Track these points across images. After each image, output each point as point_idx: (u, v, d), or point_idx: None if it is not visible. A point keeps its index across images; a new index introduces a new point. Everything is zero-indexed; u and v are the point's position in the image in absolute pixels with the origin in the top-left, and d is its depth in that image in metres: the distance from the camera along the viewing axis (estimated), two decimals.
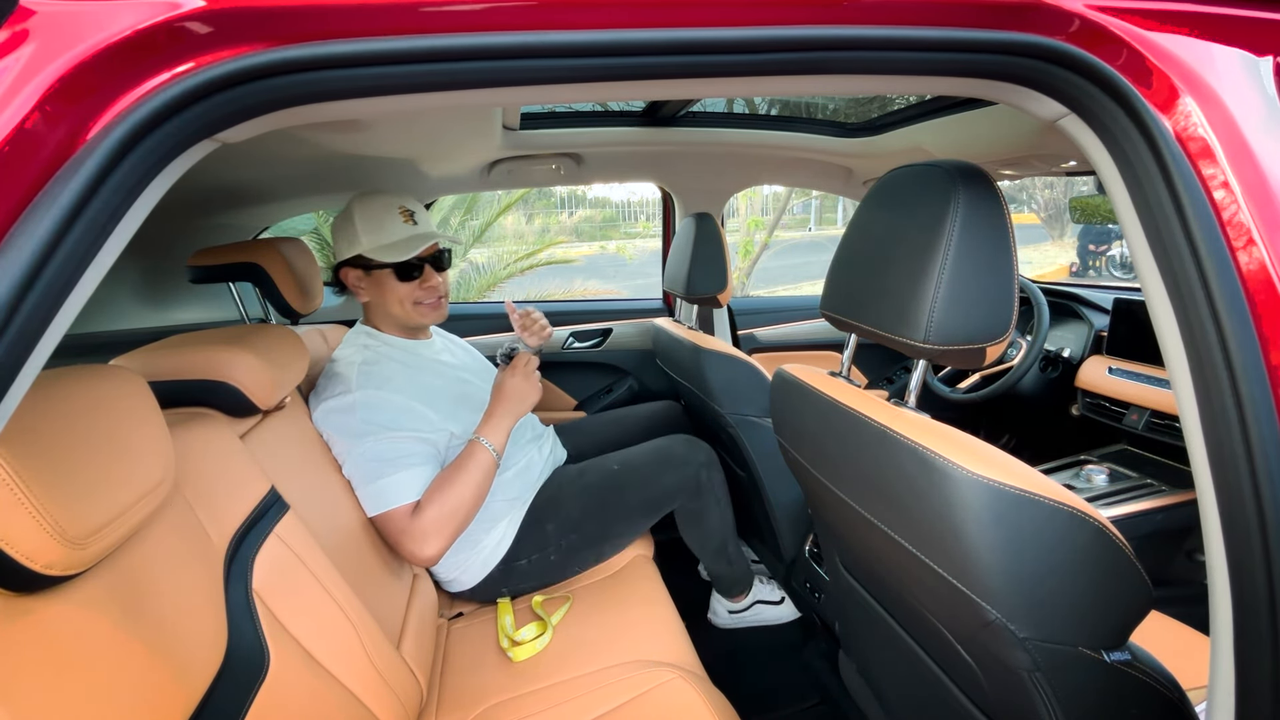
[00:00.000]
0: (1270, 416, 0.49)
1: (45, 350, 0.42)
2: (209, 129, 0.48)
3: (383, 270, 1.23)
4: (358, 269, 1.25)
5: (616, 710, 0.95)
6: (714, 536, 1.45)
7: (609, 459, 1.42)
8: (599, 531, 1.34)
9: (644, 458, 1.41)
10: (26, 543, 0.49)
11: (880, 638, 0.93)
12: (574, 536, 1.31)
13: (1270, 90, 0.56)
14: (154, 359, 0.90)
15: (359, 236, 1.22)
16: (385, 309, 1.28)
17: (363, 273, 1.25)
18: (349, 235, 1.23)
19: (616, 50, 0.51)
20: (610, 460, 1.42)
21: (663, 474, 1.38)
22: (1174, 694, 0.63)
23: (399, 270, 1.24)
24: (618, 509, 1.35)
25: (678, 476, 1.38)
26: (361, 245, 1.22)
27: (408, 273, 1.24)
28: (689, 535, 1.46)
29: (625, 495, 1.36)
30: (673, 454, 1.41)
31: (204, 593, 0.70)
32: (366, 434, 1.11)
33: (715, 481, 1.42)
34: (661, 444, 1.45)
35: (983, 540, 0.57)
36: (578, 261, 8.82)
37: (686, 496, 1.39)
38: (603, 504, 1.34)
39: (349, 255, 1.23)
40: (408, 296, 1.26)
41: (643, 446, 1.46)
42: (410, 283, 1.25)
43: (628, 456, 1.42)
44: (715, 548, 1.47)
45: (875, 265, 0.72)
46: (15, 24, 0.43)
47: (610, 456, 1.44)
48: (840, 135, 1.88)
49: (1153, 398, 1.53)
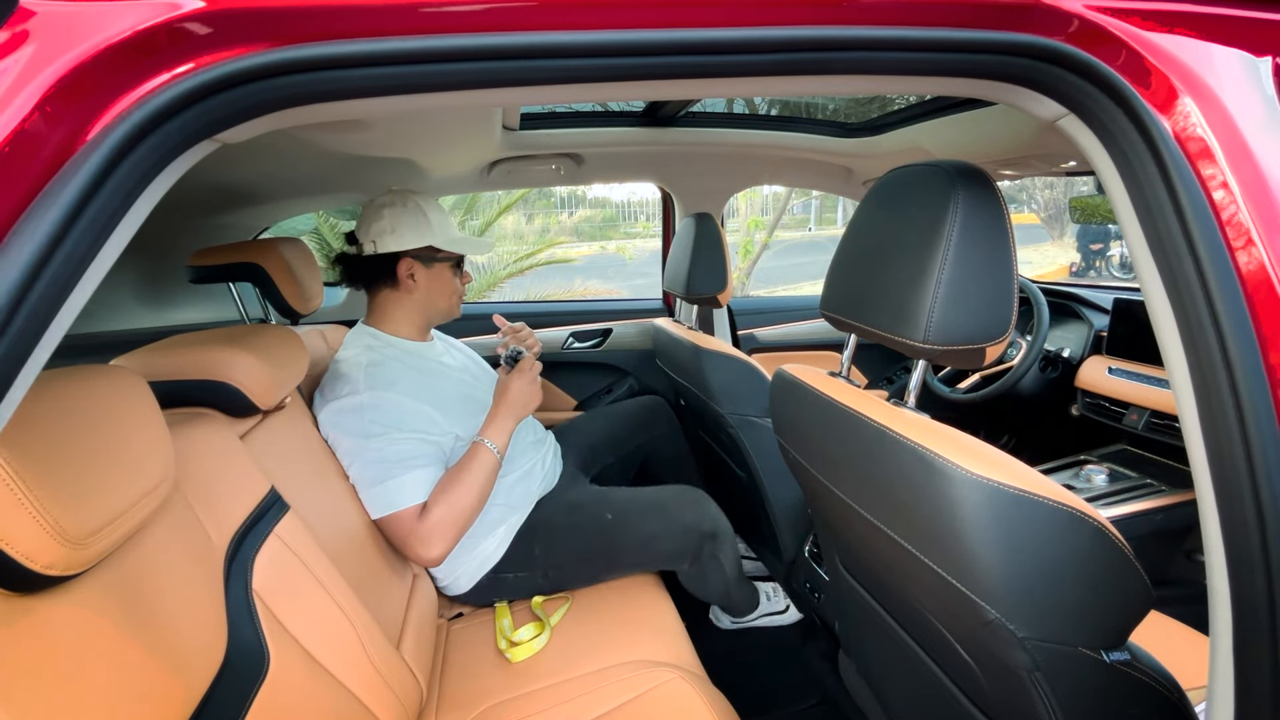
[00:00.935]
0: (1270, 416, 0.49)
1: (45, 350, 0.42)
2: (209, 129, 0.48)
3: (443, 263, 1.30)
4: (418, 260, 1.27)
5: (616, 710, 0.95)
6: (715, 592, 1.40)
7: (604, 500, 1.34)
8: (586, 574, 1.31)
9: (643, 514, 1.30)
10: (26, 543, 0.49)
11: (880, 638, 0.93)
12: (562, 571, 1.29)
13: (1270, 90, 0.56)
14: (154, 359, 0.90)
15: (433, 229, 1.26)
16: (430, 300, 1.31)
17: (422, 265, 1.28)
18: (419, 226, 1.26)
19: (616, 50, 0.51)
20: (605, 502, 1.33)
21: (663, 537, 1.29)
22: (1174, 694, 0.63)
23: (458, 263, 1.34)
24: (608, 561, 1.30)
25: (677, 545, 1.30)
26: (436, 237, 1.26)
27: (460, 267, 1.36)
28: (689, 587, 1.39)
29: (617, 552, 1.29)
30: (675, 518, 1.30)
31: (204, 593, 0.70)
32: (374, 435, 1.11)
33: (722, 553, 1.33)
34: (665, 500, 1.34)
35: (982, 540, 0.57)
36: (577, 261, 8.83)
37: (687, 562, 1.32)
38: (594, 553, 1.29)
39: (418, 245, 1.26)
40: (457, 290, 1.35)
41: (644, 497, 1.35)
42: (459, 276, 1.35)
43: (626, 505, 1.32)
44: (718, 598, 1.44)
45: (875, 265, 0.72)
46: (15, 24, 0.43)
47: (606, 496, 1.36)
48: (840, 135, 1.88)
49: (1152, 398, 1.53)
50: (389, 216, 1.26)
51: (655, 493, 1.38)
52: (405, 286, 1.28)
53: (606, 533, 1.28)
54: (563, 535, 1.29)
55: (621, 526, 1.29)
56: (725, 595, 1.43)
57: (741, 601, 1.52)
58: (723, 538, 1.33)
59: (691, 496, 1.36)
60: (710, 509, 1.34)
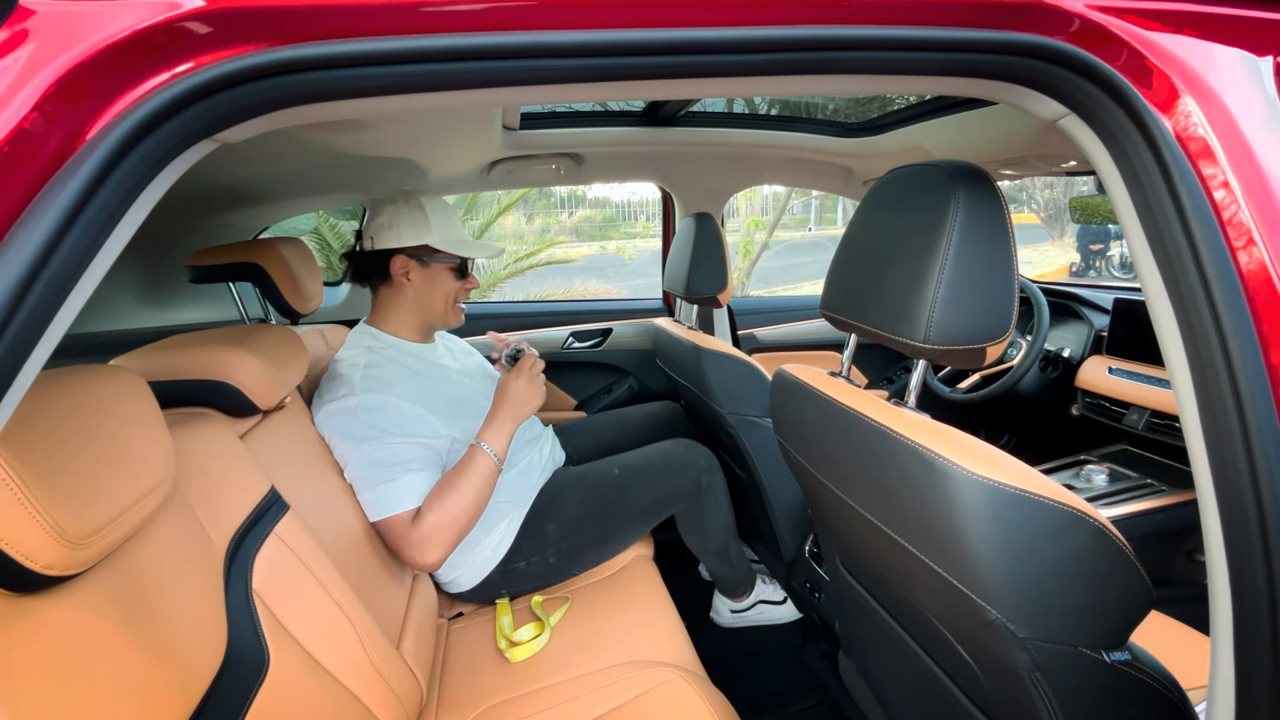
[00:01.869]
0: (1270, 416, 0.49)
1: (45, 350, 0.42)
2: (209, 129, 0.48)
3: (442, 264, 1.27)
4: (414, 259, 1.26)
5: (616, 710, 0.95)
6: (714, 539, 1.45)
7: (610, 462, 1.42)
8: (599, 534, 1.34)
9: (645, 462, 1.41)
10: (26, 543, 0.49)
11: (880, 638, 0.93)
12: (574, 539, 1.31)
13: (1270, 90, 0.56)
14: (154, 359, 0.89)
15: (431, 228, 1.24)
16: (425, 303, 1.29)
17: (418, 264, 1.26)
18: (417, 224, 1.24)
19: (616, 50, 0.51)
20: (611, 464, 1.42)
21: (664, 478, 1.38)
22: (1174, 694, 0.63)
23: (459, 266, 1.29)
24: (619, 512, 1.35)
25: (679, 481, 1.39)
26: (434, 236, 1.24)
27: (462, 271, 1.31)
28: (689, 538, 1.47)
29: (626, 499, 1.36)
30: (674, 458, 1.41)
31: (204, 593, 0.70)
32: (368, 438, 1.10)
33: (716, 485, 1.43)
34: (663, 448, 1.45)
35: (983, 540, 0.57)
36: (577, 261, 8.83)
37: (687, 501, 1.40)
38: (603, 507, 1.34)
39: (414, 243, 1.24)
40: (455, 294, 1.31)
41: (643, 450, 1.46)
42: (460, 281, 1.31)
43: (628, 460, 1.42)
44: (716, 550, 1.47)
45: (875, 265, 0.72)
46: (15, 24, 0.43)
47: (611, 460, 1.44)
48: (840, 135, 1.88)
49: (1153, 398, 1.53)
50: (388, 213, 1.26)
51: (653, 446, 1.48)
52: (399, 285, 1.27)
53: (614, 484, 1.37)
54: (573, 500, 1.34)
55: (628, 475, 1.38)
56: (723, 547, 1.47)
57: (739, 566, 1.54)
58: (715, 471, 1.43)
59: (684, 441, 1.48)
60: (701, 448, 1.46)
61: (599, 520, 1.34)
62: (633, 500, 1.36)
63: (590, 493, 1.36)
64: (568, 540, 1.30)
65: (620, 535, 1.36)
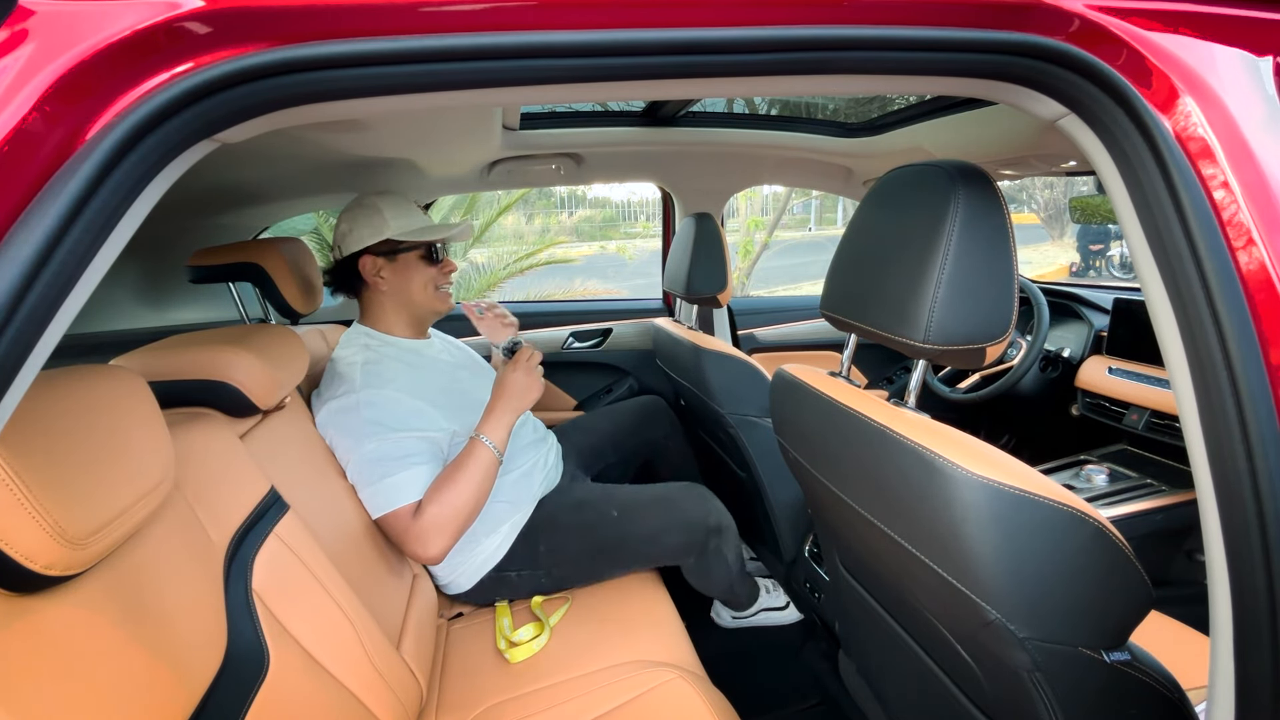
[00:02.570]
0: (1270, 416, 0.49)
1: (45, 350, 0.42)
2: (208, 129, 0.48)
3: (409, 254, 1.27)
4: (381, 256, 1.26)
5: (616, 710, 0.95)
6: (719, 586, 1.41)
7: (610, 499, 1.34)
8: (591, 571, 1.31)
9: (648, 510, 1.32)
10: (26, 543, 0.49)
11: (880, 638, 0.93)
12: (566, 568, 1.29)
13: (1270, 90, 0.56)
14: (154, 359, 0.90)
15: (388, 222, 1.24)
16: (405, 296, 1.28)
17: (386, 260, 1.26)
18: (374, 223, 1.24)
19: (616, 50, 0.51)
20: (611, 500, 1.34)
21: (666, 533, 1.30)
22: (1174, 694, 0.63)
23: (427, 253, 1.28)
24: (614, 557, 1.30)
25: (682, 539, 1.31)
26: (391, 229, 1.24)
27: (433, 256, 1.29)
28: (693, 581, 1.40)
29: (623, 548, 1.29)
30: (680, 513, 1.32)
31: (204, 593, 0.70)
32: (370, 434, 1.11)
33: (726, 548, 1.35)
34: (670, 493, 1.37)
35: (982, 540, 0.57)
36: (577, 261, 8.82)
37: (692, 558, 1.33)
38: (600, 549, 1.29)
39: (374, 241, 1.24)
40: (431, 280, 1.30)
41: (648, 493, 1.37)
42: (435, 266, 1.30)
43: (630, 503, 1.33)
44: (721, 592, 1.44)
45: (875, 265, 0.72)
46: (15, 24, 0.43)
47: (611, 492, 1.37)
48: (840, 135, 1.88)
49: (1153, 398, 1.53)
50: (345, 220, 1.27)
51: (659, 489, 1.39)
52: (375, 285, 1.27)
53: (612, 529, 1.29)
54: (568, 533, 1.29)
55: (627, 522, 1.30)
56: (729, 590, 1.44)
57: (743, 595, 1.53)
58: (727, 532, 1.35)
59: (696, 492, 1.37)
60: (714, 504, 1.36)
61: (592, 559, 1.29)
62: (629, 550, 1.29)
63: (587, 530, 1.29)
64: (560, 568, 1.28)
65: (614, 575, 1.32)
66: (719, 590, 1.43)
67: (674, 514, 1.32)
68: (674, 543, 1.31)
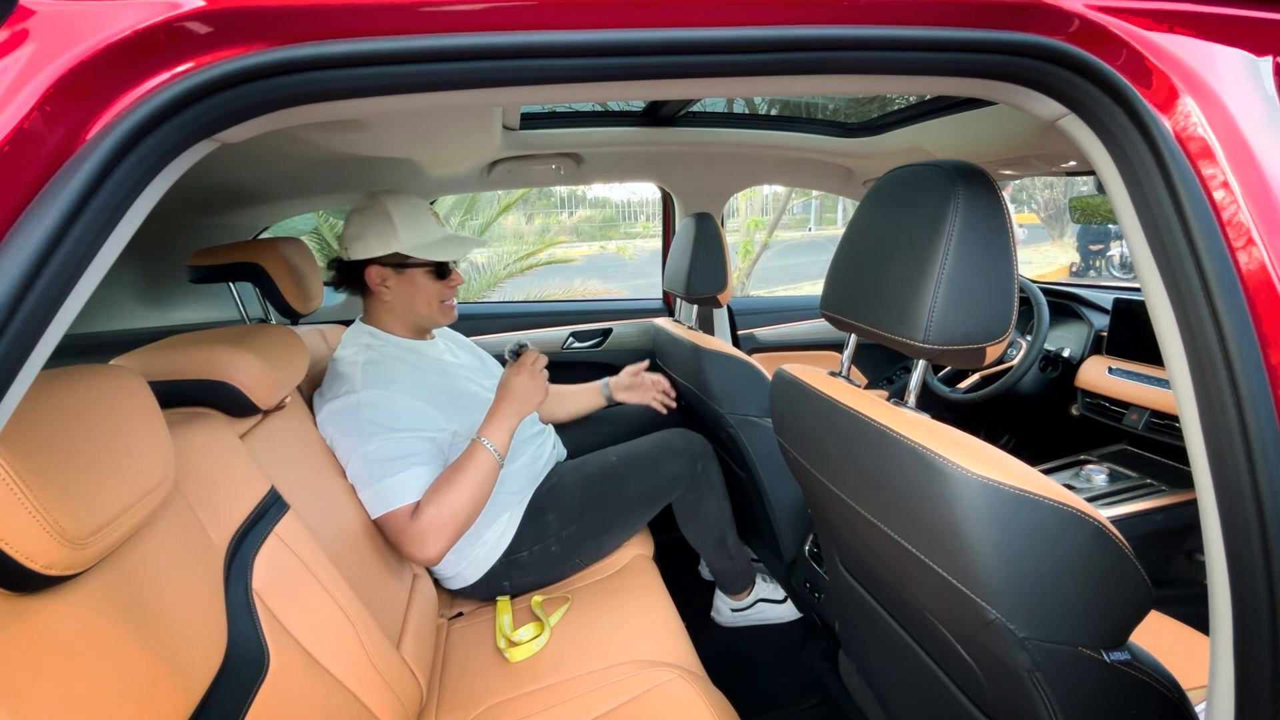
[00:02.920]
0: (1270, 416, 0.49)
1: (45, 350, 0.42)
2: (209, 129, 0.48)
3: (418, 269, 1.24)
4: (388, 267, 1.24)
5: (616, 710, 0.95)
6: (713, 528, 1.47)
7: (607, 452, 1.44)
8: (599, 521, 1.34)
9: (642, 449, 1.43)
10: (26, 542, 0.49)
11: (880, 637, 0.93)
12: (574, 526, 1.32)
13: (1270, 90, 0.56)
14: (154, 359, 0.89)
15: (399, 234, 1.21)
16: (409, 308, 1.27)
17: (393, 271, 1.24)
18: (384, 232, 1.21)
19: (616, 50, 0.51)
20: (608, 453, 1.44)
21: (660, 464, 1.40)
22: (1174, 694, 0.63)
23: (437, 269, 1.26)
24: (617, 498, 1.36)
25: (675, 467, 1.41)
26: (401, 243, 1.22)
27: (442, 272, 1.27)
28: (688, 529, 1.48)
29: (624, 485, 1.37)
30: (670, 445, 1.43)
31: (204, 593, 0.70)
32: (370, 434, 1.11)
33: (711, 472, 1.45)
34: (658, 437, 1.47)
35: (982, 540, 0.57)
36: (577, 261, 8.83)
37: (684, 487, 1.42)
38: (603, 493, 1.35)
39: (383, 253, 1.22)
40: (437, 295, 1.28)
41: (639, 440, 1.48)
42: (441, 281, 1.28)
43: (625, 449, 1.44)
44: (715, 540, 1.49)
45: (875, 265, 0.72)
46: (15, 24, 0.43)
47: (608, 449, 1.46)
48: (840, 135, 1.88)
49: (1153, 398, 1.53)
50: (356, 222, 1.24)
51: (649, 435, 1.50)
52: (380, 294, 1.26)
53: (613, 469, 1.38)
54: (572, 487, 1.35)
55: (627, 463, 1.40)
56: (722, 539, 1.48)
57: (739, 561, 1.55)
58: (710, 458, 1.46)
59: (679, 431, 1.50)
60: (697, 436, 1.48)
61: (598, 506, 1.35)
62: (630, 485, 1.37)
63: (589, 480, 1.37)
64: (568, 528, 1.31)
65: (620, 523, 1.37)
66: (714, 530, 1.47)
67: (664, 448, 1.43)
68: (667, 472, 1.40)
